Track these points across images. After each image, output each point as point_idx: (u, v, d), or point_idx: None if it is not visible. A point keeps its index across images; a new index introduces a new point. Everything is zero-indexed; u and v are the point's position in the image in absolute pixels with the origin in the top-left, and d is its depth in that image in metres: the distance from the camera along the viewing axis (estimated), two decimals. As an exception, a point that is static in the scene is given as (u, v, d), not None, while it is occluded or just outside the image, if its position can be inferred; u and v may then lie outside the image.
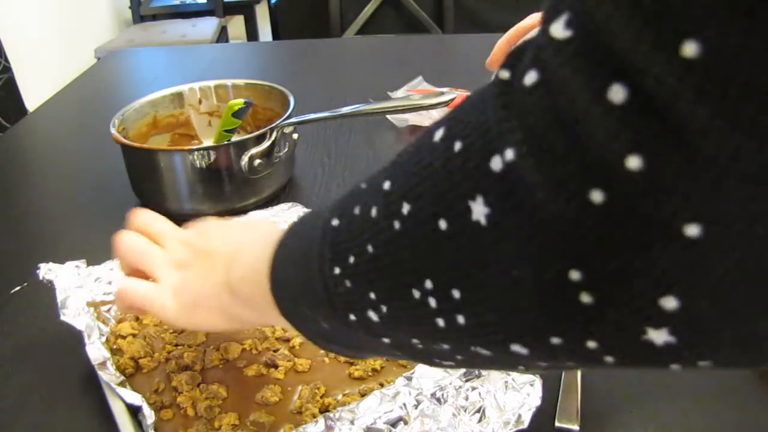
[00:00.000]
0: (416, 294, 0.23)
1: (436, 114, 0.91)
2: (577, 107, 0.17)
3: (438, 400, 0.42)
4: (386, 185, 0.25)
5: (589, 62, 0.17)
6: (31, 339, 0.56)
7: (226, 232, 0.45)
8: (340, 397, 0.45)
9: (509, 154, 0.19)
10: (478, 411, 0.42)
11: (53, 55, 2.51)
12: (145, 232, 0.46)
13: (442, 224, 0.21)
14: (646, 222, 0.17)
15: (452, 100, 0.71)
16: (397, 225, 0.24)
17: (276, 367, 0.48)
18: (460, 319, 0.22)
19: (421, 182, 0.23)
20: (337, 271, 0.27)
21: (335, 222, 0.28)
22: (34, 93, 1.35)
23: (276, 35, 2.52)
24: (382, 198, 0.25)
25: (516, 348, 0.22)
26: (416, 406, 0.41)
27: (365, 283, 0.26)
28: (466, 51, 1.34)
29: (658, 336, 0.18)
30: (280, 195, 0.76)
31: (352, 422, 0.41)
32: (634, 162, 0.16)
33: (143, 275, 0.45)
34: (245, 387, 0.47)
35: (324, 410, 0.44)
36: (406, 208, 0.23)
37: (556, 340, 0.20)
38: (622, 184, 0.16)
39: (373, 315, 0.26)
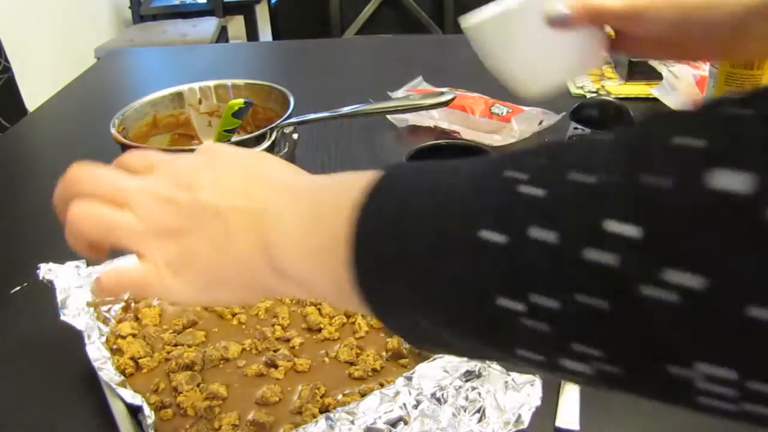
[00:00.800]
0: None
1: (436, 114, 0.91)
2: None
3: (438, 400, 0.42)
4: None
5: None
6: (31, 339, 0.56)
7: (221, 176, 0.33)
8: (340, 397, 0.45)
9: None
10: (478, 411, 0.42)
11: (53, 55, 2.51)
12: (99, 192, 0.34)
13: None
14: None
15: (452, 99, 0.71)
16: None
17: (276, 367, 0.48)
18: None
19: None
20: (521, 308, 0.22)
21: (492, 236, 0.22)
22: (34, 93, 1.35)
23: (276, 35, 2.52)
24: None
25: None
26: (416, 406, 0.41)
27: (574, 336, 0.21)
28: (466, 51, 1.34)
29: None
30: (280, 195, 0.76)
31: (352, 422, 0.40)
32: None
33: (104, 251, 0.35)
34: (245, 387, 0.47)
35: (324, 410, 0.44)
36: None
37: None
38: None
39: (582, 367, 0.22)
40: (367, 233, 0.26)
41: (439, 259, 0.24)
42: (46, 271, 0.54)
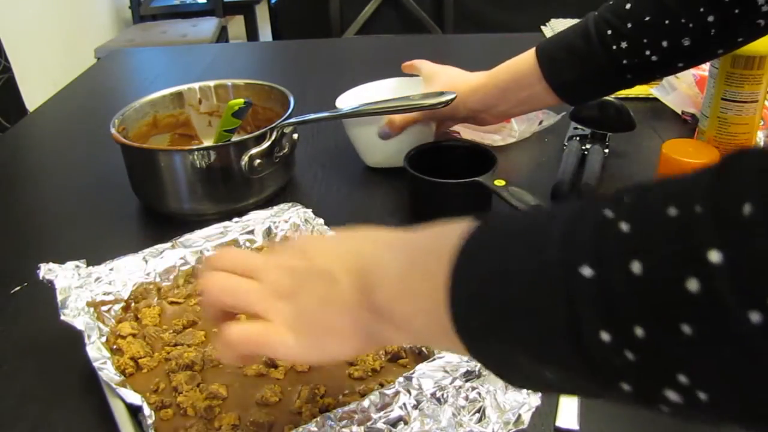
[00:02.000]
0: None
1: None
2: None
3: (438, 400, 0.42)
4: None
5: None
6: (31, 339, 0.56)
7: (330, 245, 0.39)
8: (340, 397, 0.45)
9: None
10: (478, 411, 0.42)
11: (53, 55, 2.51)
12: (232, 270, 0.39)
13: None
14: None
15: (452, 99, 0.71)
16: None
17: (276, 367, 0.48)
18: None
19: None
20: (606, 338, 0.22)
21: (588, 272, 0.23)
22: (34, 93, 1.35)
23: (276, 35, 2.52)
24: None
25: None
26: (416, 406, 0.41)
27: (670, 366, 0.21)
28: (466, 51, 1.34)
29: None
30: (280, 195, 0.76)
31: (352, 422, 0.40)
32: None
33: (231, 319, 0.39)
34: (245, 387, 0.47)
35: (324, 410, 0.44)
36: None
37: None
38: None
39: (673, 395, 0.22)
40: (465, 276, 0.28)
41: (535, 297, 0.25)
42: (46, 271, 0.54)
